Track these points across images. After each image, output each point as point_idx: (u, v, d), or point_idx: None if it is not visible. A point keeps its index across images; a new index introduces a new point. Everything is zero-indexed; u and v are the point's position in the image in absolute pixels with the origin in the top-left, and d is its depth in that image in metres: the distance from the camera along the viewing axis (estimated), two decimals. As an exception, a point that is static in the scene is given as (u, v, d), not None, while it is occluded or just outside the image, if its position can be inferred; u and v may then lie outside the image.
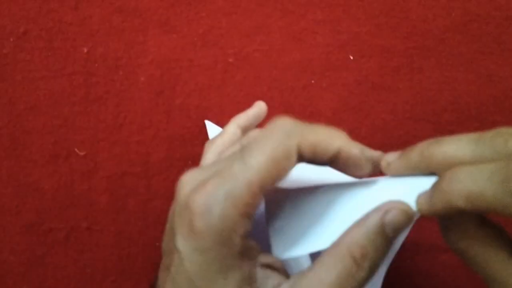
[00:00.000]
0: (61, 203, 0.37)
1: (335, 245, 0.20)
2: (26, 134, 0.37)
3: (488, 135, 0.19)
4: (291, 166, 0.20)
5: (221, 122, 0.37)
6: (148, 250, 0.37)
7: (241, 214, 0.19)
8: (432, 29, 0.37)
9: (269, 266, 0.21)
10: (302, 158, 0.20)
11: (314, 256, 0.21)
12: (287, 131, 0.20)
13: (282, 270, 0.21)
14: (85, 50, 0.37)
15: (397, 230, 0.19)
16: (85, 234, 0.37)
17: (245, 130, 0.29)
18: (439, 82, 0.37)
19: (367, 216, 0.20)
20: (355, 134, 0.37)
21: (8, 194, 0.37)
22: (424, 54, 0.37)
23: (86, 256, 0.37)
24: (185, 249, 0.20)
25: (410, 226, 0.20)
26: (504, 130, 0.19)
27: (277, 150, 0.19)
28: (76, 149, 0.37)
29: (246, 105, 0.37)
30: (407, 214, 0.19)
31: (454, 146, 0.19)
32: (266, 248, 0.22)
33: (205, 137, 0.37)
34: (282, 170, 0.19)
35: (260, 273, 0.21)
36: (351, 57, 0.37)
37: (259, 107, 0.32)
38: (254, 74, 0.37)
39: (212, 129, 0.36)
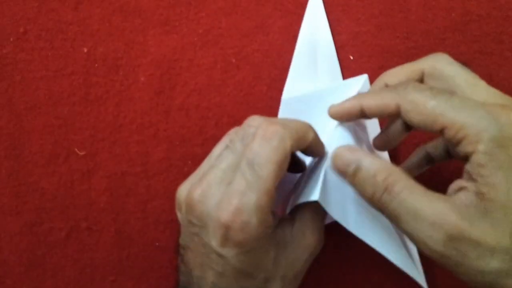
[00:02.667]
0: (61, 203, 0.37)
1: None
2: (26, 134, 0.37)
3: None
4: (288, 163, 0.25)
5: (220, 122, 0.37)
6: (148, 250, 0.37)
7: (268, 214, 0.24)
8: (432, 29, 0.37)
9: None
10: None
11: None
12: (282, 136, 0.24)
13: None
14: (85, 50, 0.37)
15: None
16: (85, 234, 0.37)
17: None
18: (439, 82, 0.37)
19: None
20: (355, 134, 0.37)
21: (8, 194, 0.37)
22: (424, 54, 0.37)
23: (86, 256, 0.37)
24: (229, 254, 0.24)
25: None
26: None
27: (280, 156, 0.24)
28: (76, 149, 0.37)
29: (246, 105, 0.37)
30: None
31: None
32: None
33: (205, 136, 0.37)
34: (284, 169, 0.24)
35: None
36: (351, 57, 0.37)
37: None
38: (254, 74, 0.37)
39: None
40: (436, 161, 0.32)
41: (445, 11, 0.37)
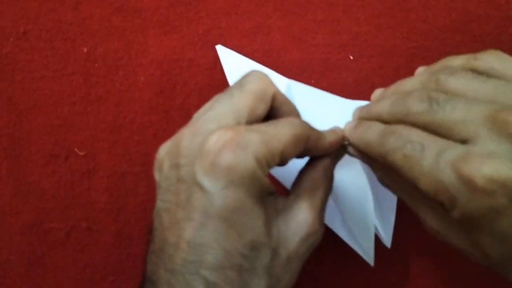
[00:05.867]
0: (61, 203, 0.37)
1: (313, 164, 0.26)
2: (26, 134, 0.37)
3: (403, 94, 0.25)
4: (267, 104, 0.25)
5: (221, 122, 0.37)
6: (148, 250, 0.37)
7: (267, 157, 0.22)
8: (432, 29, 0.37)
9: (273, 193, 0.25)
10: (274, 102, 0.25)
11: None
12: (266, 82, 0.25)
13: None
14: (85, 50, 0.37)
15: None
16: (85, 234, 0.37)
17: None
18: (439, 82, 0.37)
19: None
20: (355, 134, 0.37)
21: (8, 194, 0.37)
22: (424, 54, 0.37)
23: (86, 256, 0.37)
24: (214, 187, 0.21)
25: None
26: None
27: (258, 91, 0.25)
28: (76, 149, 0.37)
29: (246, 105, 0.37)
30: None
31: (379, 106, 0.26)
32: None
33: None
34: (260, 105, 0.24)
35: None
36: (351, 57, 0.37)
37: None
38: (254, 74, 0.37)
39: (225, 55, 0.35)
40: None
41: (445, 11, 0.37)
